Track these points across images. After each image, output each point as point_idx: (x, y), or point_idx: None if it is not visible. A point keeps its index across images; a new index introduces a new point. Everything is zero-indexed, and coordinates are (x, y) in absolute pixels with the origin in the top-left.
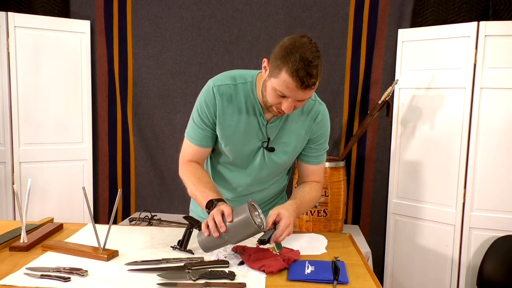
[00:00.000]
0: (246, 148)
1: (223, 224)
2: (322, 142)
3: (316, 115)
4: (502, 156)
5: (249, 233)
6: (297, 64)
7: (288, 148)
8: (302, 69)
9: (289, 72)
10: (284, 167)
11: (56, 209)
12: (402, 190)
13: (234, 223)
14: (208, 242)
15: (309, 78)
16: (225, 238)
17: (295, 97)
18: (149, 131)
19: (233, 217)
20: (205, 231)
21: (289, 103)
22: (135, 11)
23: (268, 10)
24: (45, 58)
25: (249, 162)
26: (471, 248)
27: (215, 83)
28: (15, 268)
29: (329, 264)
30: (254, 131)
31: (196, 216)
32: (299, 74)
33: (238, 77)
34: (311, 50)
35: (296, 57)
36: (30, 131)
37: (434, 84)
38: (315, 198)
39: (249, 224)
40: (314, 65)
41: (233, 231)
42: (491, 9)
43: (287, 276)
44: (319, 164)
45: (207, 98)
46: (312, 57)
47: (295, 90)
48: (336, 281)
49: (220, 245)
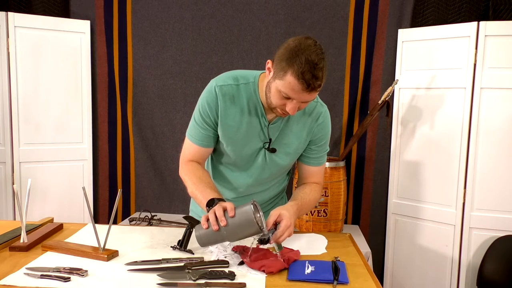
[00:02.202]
0: (247, 148)
1: (224, 218)
2: (323, 144)
3: (318, 116)
4: (502, 156)
5: (249, 232)
6: (303, 67)
7: (290, 149)
8: (308, 71)
9: (295, 75)
10: (285, 168)
11: (56, 209)
12: (402, 190)
13: (235, 220)
14: (206, 236)
15: (315, 81)
16: (223, 234)
17: (300, 99)
18: (149, 131)
19: (235, 214)
20: (204, 223)
21: (293, 105)
22: (135, 11)
23: (268, 10)
24: (45, 58)
25: (251, 163)
26: (471, 248)
27: (217, 83)
28: (15, 268)
29: (329, 264)
30: (255, 131)
31: (196, 216)
32: (305, 76)
33: (240, 77)
34: (316, 52)
35: (302, 59)
36: (30, 131)
37: (434, 84)
38: (315, 200)
39: (251, 222)
40: (320, 68)
41: (233, 228)
42: (491, 9)
43: (287, 276)
44: (320, 166)
45: (209, 98)
46: (317, 60)
47: (300, 92)
48: (336, 281)
49: (217, 241)
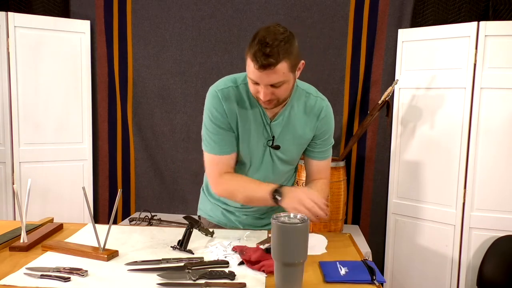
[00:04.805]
0: (256, 147)
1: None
2: (327, 137)
3: (320, 111)
4: (502, 156)
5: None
6: (255, 47)
7: (292, 145)
8: (259, 50)
9: (251, 57)
10: (291, 164)
11: (56, 209)
12: (402, 190)
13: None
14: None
15: (264, 58)
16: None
17: (262, 81)
18: (149, 131)
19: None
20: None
21: (262, 89)
22: (135, 11)
23: (268, 10)
24: (45, 58)
25: (260, 160)
26: (471, 248)
27: (217, 88)
28: (15, 268)
29: (361, 264)
30: (260, 129)
31: (204, 214)
32: (256, 56)
33: (238, 78)
34: (272, 32)
35: (255, 41)
36: (30, 131)
37: (434, 84)
38: (326, 194)
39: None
40: (270, 45)
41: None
42: (491, 9)
43: (323, 278)
44: (326, 160)
45: (214, 103)
46: (270, 39)
47: (257, 73)
48: (375, 281)
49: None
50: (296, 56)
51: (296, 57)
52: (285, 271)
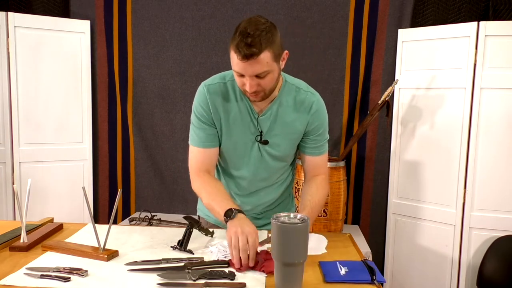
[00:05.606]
0: (241, 142)
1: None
2: (321, 132)
3: (310, 106)
4: (502, 156)
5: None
6: (237, 39)
7: (282, 141)
8: (241, 41)
9: (233, 48)
10: (283, 160)
11: (56, 209)
12: (402, 190)
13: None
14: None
15: (247, 48)
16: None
17: (247, 72)
18: (149, 131)
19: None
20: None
21: (247, 81)
22: (135, 11)
23: (268, 10)
24: (45, 58)
25: (247, 156)
26: (471, 248)
27: (205, 84)
28: (15, 268)
29: (361, 264)
30: (246, 124)
31: (203, 214)
32: (239, 47)
33: (227, 75)
34: (254, 23)
35: (237, 33)
36: (30, 131)
37: (434, 84)
38: (324, 196)
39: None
40: (252, 35)
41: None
42: (491, 9)
43: (323, 278)
44: (322, 155)
45: (199, 98)
46: (251, 29)
47: (241, 64)
48: (375, 281)
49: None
50: (278, 45)
51: (279, 47)
52: (285, 271)
